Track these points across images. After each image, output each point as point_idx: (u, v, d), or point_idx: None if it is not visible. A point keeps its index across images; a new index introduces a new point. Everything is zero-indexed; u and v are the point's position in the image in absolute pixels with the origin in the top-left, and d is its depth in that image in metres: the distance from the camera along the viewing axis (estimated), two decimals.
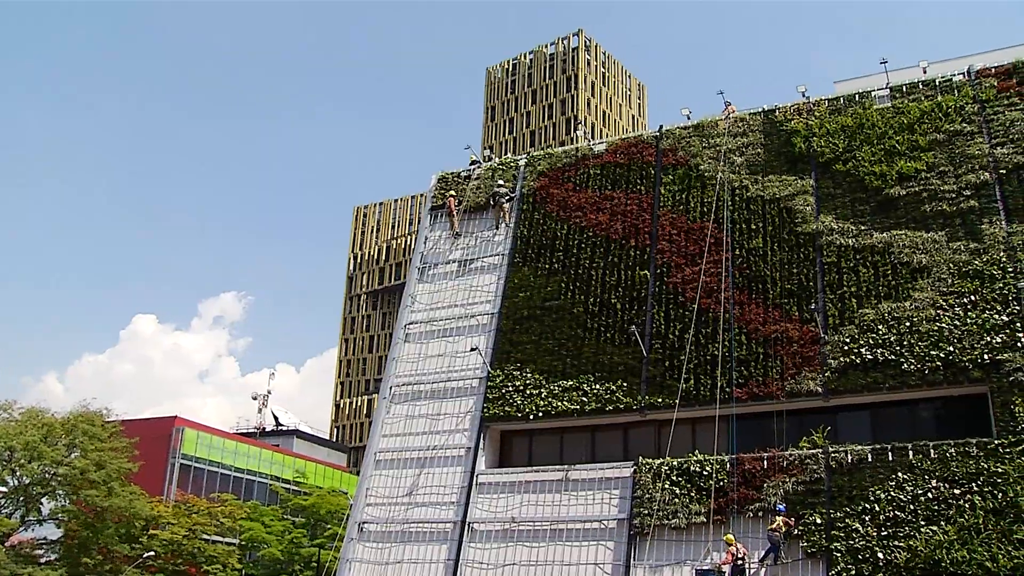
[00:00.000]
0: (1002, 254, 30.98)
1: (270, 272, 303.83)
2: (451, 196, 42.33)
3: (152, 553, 66.22)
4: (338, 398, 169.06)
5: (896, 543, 27.54)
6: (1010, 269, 30.57)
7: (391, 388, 38.99)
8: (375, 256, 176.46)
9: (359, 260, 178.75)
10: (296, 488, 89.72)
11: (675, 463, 31.95)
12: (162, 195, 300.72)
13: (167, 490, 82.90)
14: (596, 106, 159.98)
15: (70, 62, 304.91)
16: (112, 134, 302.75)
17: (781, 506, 29.25)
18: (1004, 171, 32.70)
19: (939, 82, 36.02)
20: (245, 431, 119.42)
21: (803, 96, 38.17)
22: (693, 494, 31.15)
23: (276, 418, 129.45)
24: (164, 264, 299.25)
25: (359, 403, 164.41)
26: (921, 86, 36.23)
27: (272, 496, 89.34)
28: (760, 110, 38.71)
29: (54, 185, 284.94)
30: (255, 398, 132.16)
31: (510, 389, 36.10)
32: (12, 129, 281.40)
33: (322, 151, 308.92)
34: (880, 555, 27.54)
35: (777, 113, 38.12)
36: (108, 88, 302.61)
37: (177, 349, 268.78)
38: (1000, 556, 26.19)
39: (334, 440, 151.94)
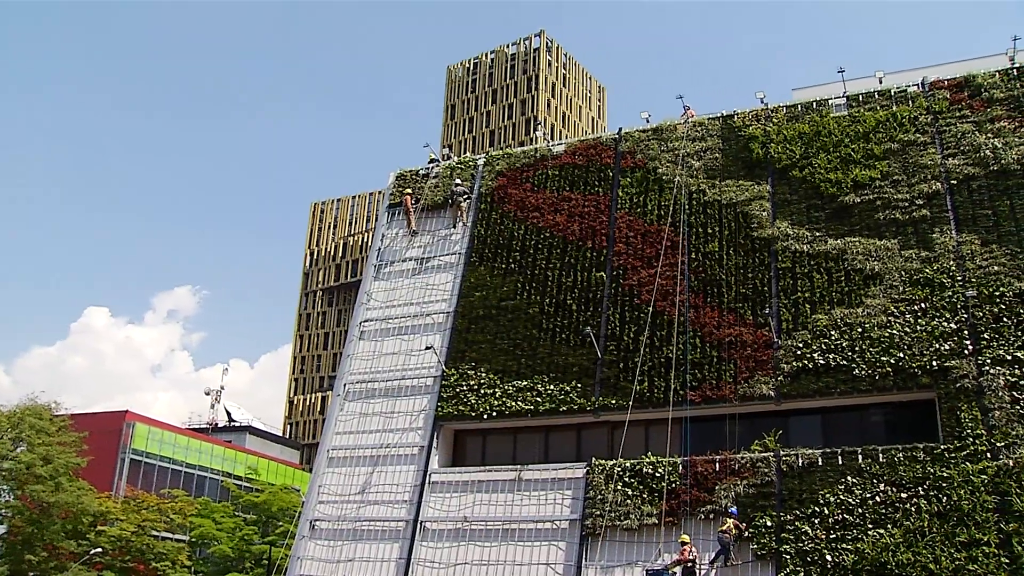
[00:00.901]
0: (952, 263, 31.47)
1: (226, 267, 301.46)
2: (408, 194, 42.19)
3: (99, 550, 65.31)
4: (292, 395, 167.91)
5: (844, 545, 27.88)
6: (959, 278, 31.05)
7: (345, 385, 38.78)
8: (331, 252, 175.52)
9: (315, 256, 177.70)
10: (248, 485, 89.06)
11: (628, 464, 32.07)
12: (118, 188, 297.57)
13: (116, 486, 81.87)
14: (556, 107, 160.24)
15: (21, 53, 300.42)
16: (68, 126, 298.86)
17: (733, 509, 29.46)
18: (955, 182, 33.21)
19: (894, 92, 36.53)
20: (197, 427, 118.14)
21: (761, 102, 38.55)
22: (645, 495, 31.29)
23: (229, 414, 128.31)
24: (118, 257, 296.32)
25: (313, 400, 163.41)
26: (877, 96, 36.71)
27: (224, 493, 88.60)
28: (719, 115, 39.00)
29: (3, 175, 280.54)
30: (208, 393, 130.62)
31: (464, 388, 36.05)
32: None
33: (280, 146, 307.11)
34: (828, 557, 27.85)
35: (736, 119, 38.42)
36: (65, 80, 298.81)
37: (129, 343, 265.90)
38: (943, 558, 26.63)
39: (287, 437, 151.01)
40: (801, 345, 31.88)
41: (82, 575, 63.57)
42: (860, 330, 31.32)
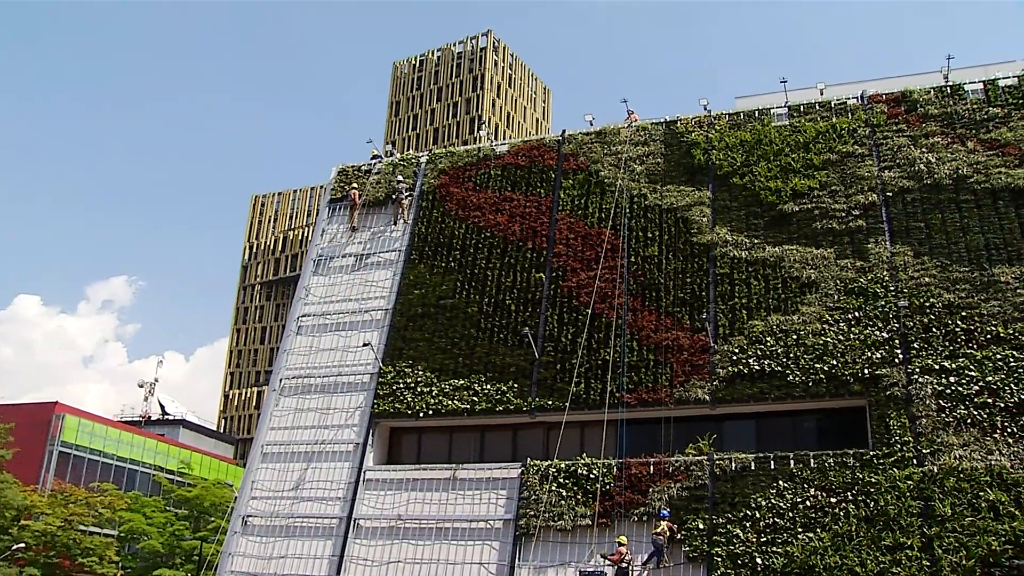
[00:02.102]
0: (885, 273, 32.05)
1: (163, 258, 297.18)
2: (354, 189, 41.89)
3: (22, 545, 63.75)
4: (227, 389, 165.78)
5: (774, 548, 28.25)
6: (892, 288, 31.63)
7: (281, 380, 38.40)
8: (271, 246, 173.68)
9: (255, 249, 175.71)
10: (180, 479, 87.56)
11: (563, 465, 32.13)
12: (56, 175, 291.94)
13: (43, 479, 79.89)
14: (501, 107, 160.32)
15: None
16: (7, 114, 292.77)
17: (665, 512, 29.64)
18: (890, 194, 33.84)
19: (835, 104, 37.13)
20: (130, 419, 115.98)
21: (705, 109, 38.94)
22: (579, 497, 31.37)
23: (163, 407, 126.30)
24: (53, 245, 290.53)
25: (249, 394, 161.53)
26: (818, 107, 37.29)
27: (155, 487, 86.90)
28: (662, 120, 39.32)
29: None
30: (142, 386, 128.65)
31: (401, 386, 35.87)
32: None
33: (222, 138, 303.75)
34: (759, 560, 28.20)
35: (679, 124, 38.76)
36: (9, 71, 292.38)
37: (61, 333, 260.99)
38: (869, 561, 27.15)
39: (222, 431, 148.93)
40: (737, 351, 32.22)
41: (3, 571, 62.03)
42: (795, 337, 31.75)
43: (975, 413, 28.63)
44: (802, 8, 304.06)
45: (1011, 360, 29.20)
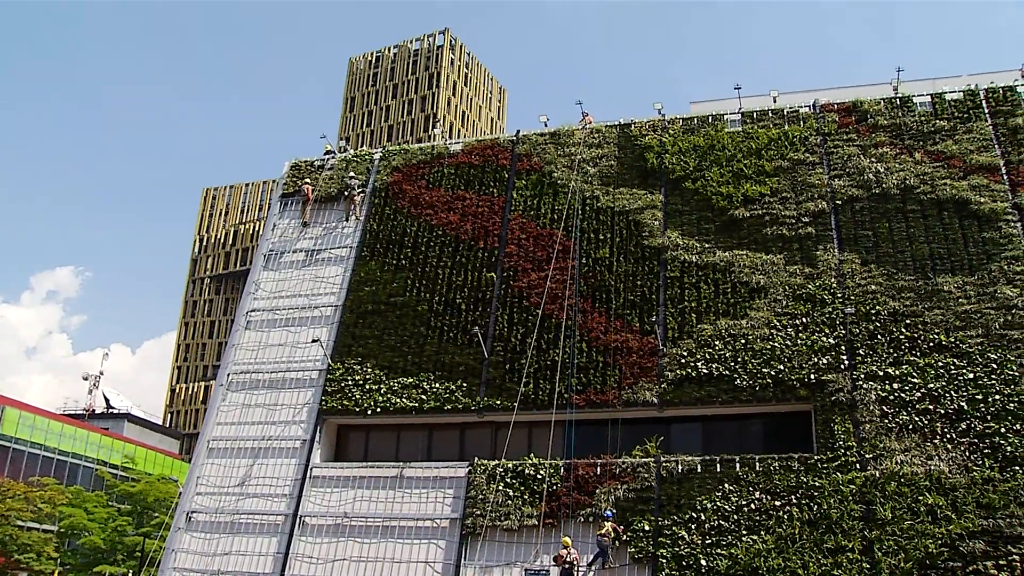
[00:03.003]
0: (833, 280, 32.44)
1: (111, 249, 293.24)
2: (307, 184, 41.58)
3: None
4: (174, 383, 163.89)
5: (719, 551, 28.47)
6: (839, 295, 32.04)
7: (229, 375, 37.99)
8: (222, 240, 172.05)
9: (205, 243, 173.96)
10: (124, 474, 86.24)
11: (510, 465, 32.12)
12: (2, 161, 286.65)
13: None
14: (456, 106, 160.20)
15: None
16: None
17: (608, 512, 29.72)
18: (840, 202, 34.27)
19: (787, 112, 37.52)
20: (73, 412, 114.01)
21: (659, 113, 39.19)
22: (526, 497, 31.38)
23: (107, 400, 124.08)
24: None
25: (196, 389, 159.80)
26: (770, 114, 37.67)
27: (98, 481, 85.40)
28: (616, 123, 39.51)
29: None
30: (86, 378, 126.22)
31: (349, 383, 35.66)
32: None
33: (175, 130, 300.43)
34: (703, 562, 28.40)
35: (633, 127, 38.95)
36: None
37: (3, 323, 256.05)
38: (811, 564, 27.50)
39: (168, 426, 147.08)
40: (685, 354, 32.43)
41: None
42: (743, 341, 32.02)
43: (917, 419, 29.10)
44: (759, 16, 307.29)
45: (952, 368, 29.71)
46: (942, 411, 29.08)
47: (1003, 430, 28.31)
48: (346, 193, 40.74)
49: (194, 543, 34.64)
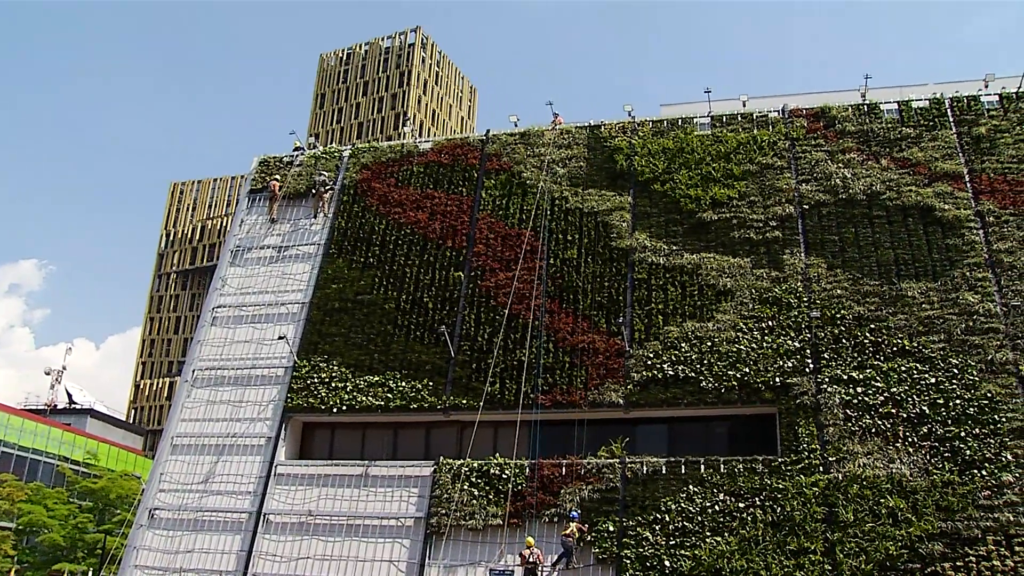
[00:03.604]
0: (799, 284, 32.68)
1: (76, 242, 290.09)
2: (276, 180, 41.34)
3: None
4: (139, 378, 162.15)
5: (683, 552, 28.60)
6: (805, 299, 32.28)
7: (194, 371, 37.68)
8: (188, 235, 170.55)
9: (172, 237, 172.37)
10: (86, 471, 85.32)
11: (475, 465, 32.08)
12: None
13: None
14: (427, 104, 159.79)
15: None
16: None
17: (574, 513, 29.75)
18: (807, 206, 34.53)
19: (756, 116, 37.77)
20: (34, 408, 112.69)
21: (629, 115, 39.31)
22: (491, 496, 31.35)
23: (70, 396, 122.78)
24: None
25: (160, 385, 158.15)
26: (740, 118, 37.91)
27: (59, 478, 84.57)
28: (586, 124, 39.57)
29: None
30: (48, 373, 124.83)
31: (315, 381, 35.48)
32: None
33: (142, 122, 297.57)
34: (667, 563, 28.52)
35: (603, 129, 39.04)
36: None
37: None
38: (774, 565, 27.70)
39: (131, 422, 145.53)
40: (652, 355, 32.54)
41: None
42: (709, 344, 32.18)
43: (879, 423, 29.39)
44: (730, 20, 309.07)
45: (915, 372, 30.04)
46: (904, 415, 29.39)
47: (963, 434, 28.66)
48: (314, 190, 40.53)
49: (156, 540, 34.30)
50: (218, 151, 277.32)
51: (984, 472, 27.94)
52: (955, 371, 29.88)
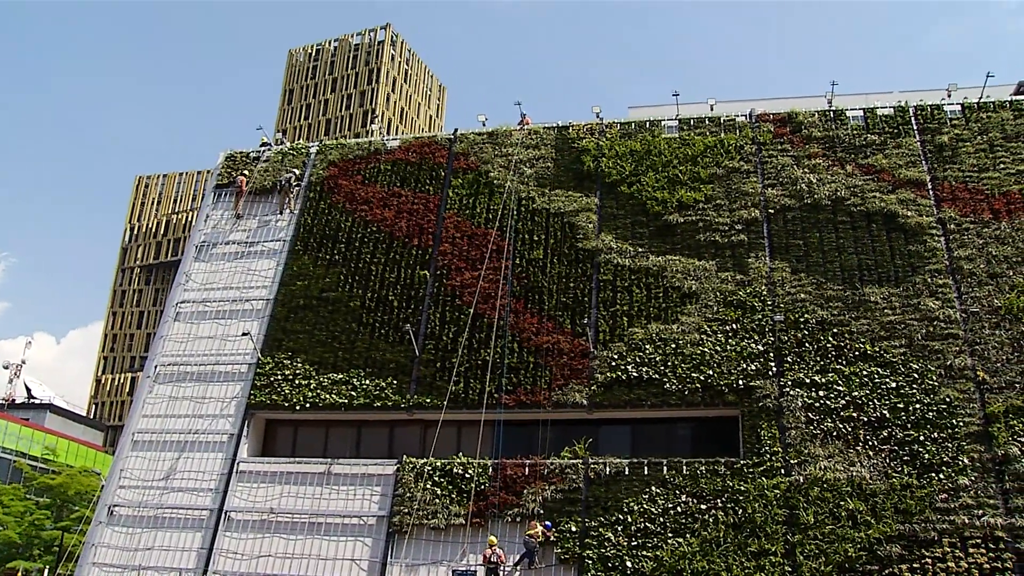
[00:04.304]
0: (763, 288, 32.92)
1: (37, 235, 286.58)
2: (243, 176, 41.06)
3: None
4: (100, 374, 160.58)
5: (644, 553, 28.72)
6: (769, 302, 32.52)
7: (156, 367, 37.33)
8: (153, 229, 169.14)
9: (136, 231, 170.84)
10: (44, 466, 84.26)
11: (438, 464, 32.03)
12: None
13: None
14: (395, 102, 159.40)
15: None
16: None
17: (548, 523, 29.75)
18: (772, 211, 34.78)
19: (723, 120, 37.96)
20: None
21: (597, 117, 39.41)
22: (454, 496, 31.31)
23: (29, 390, 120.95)
24: None
25: (122, 380, 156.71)
26: (707, 121, 38.08)
27: (16, 474, 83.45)
28: (554, 125, 39.62)
29: None
30: (7, 367, 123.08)
31: (279, 378, 35.28)
32: None
33: (107, 115, 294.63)
34: (629, 564, 28.62)
35: (571, 130, 39.09)
36: None
37: None
38: (735, 567, 27.91)
39: (92, 417, 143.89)
40: (616, 357, 32.64)
41: None
42: (674, 346, 32.33)
43: (840, 426, 29.67)
44: (700, 24, 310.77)
45: (876, 377, 30.35)
46: (865, 419, 29.70)
47: (922, 438, 29.02)
48: (280, 186, 40.30)
49: (115, 538, 33.94)
50: (184, 145, 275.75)
51: (942, 475, 28.34)
52: (915, 376, 30.24)
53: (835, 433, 29.64)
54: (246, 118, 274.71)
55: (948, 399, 29.64)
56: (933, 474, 28.37)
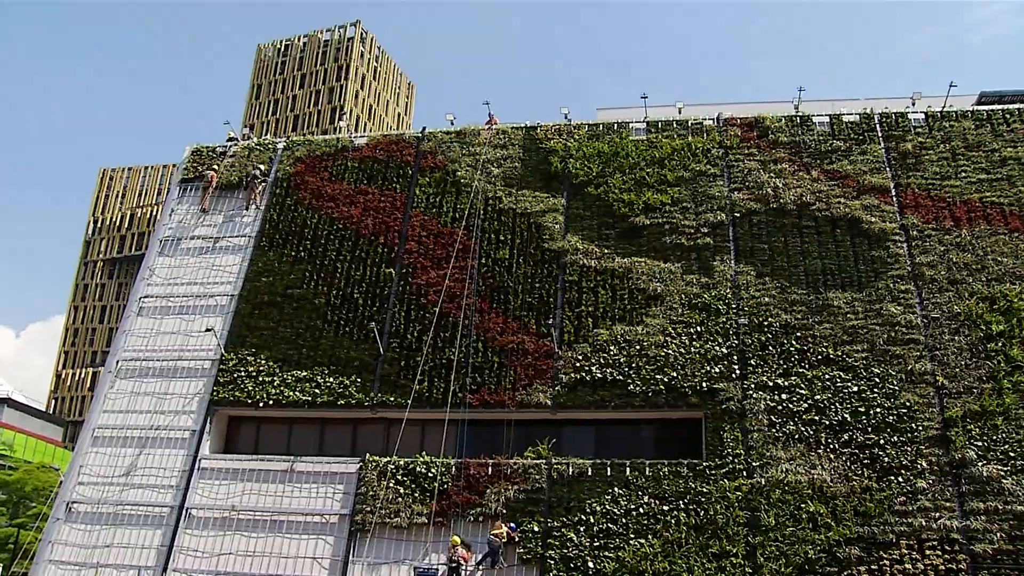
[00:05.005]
0: (728, 291, 33.12)
1: None
2: (213, 171, 40.72)
3: None
4: (60, 368, 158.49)
5: (607, 553, 28.81)
6: (734, 305, 32.73)
7: (118, 362, 36.90)
8: (117, 222, 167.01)
9: (99, 225, 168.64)
10: (1, 462, 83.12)
11: (402, 462, 31.93)
12: None
13: None
14: (364, 99, 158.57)
15: None
16: None
17: (513, 525, 29.77)
18: (738, 215, 35.00)
19: (691, 124, 38.18)
20: None
21: (565, 118, 39.47)
22: (417, 495, 31.23)
23: None
24: None
25: (83, 375, 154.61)
26: (675, 124, 38.30)
27: None
28: (522, 126, 39.64)
29: None
30: None
31: (242, 374, 35.03)
32: None
33: (73, 106, 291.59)
34: (591, 564, 28.69)
35: (539, 131, 39.14)
36: None
37: None
38: (696, 568, 28.07)
39: (52, 412, 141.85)
40: (580, 357, 32.70)
41: None
42: (638, 347, 32.44)
43: (803, 429, 29.93)
44: (671, 26, 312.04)
45: (838, 380, 30.64)
46: (827, 422, 29.97)
47: (882, 441, 29.34)
48: (247, 181, 40.03)
49: (74, 535, 33.52)
50: (150, 138, 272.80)
51: (900, 479, 28.67)
52: (876, 380, 30.56)
53: (797, 436, 29.88)
54: (213, 113, 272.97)
55: (908, 403, 29.98)
56: (892, 477, 28.70)
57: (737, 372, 31.49)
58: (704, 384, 31.38)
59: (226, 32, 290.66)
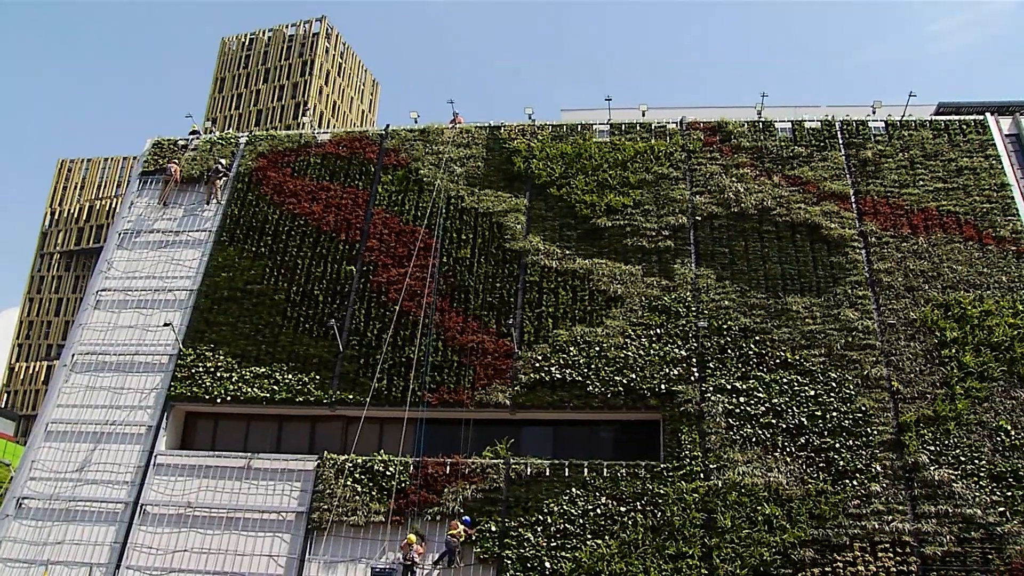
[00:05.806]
0: (688, 294, 33.31)
1: None
2: (175, 164, 40.31)
3: None
4: (14, 361, 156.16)
5: (564, 554, 28.83)
6: (693, 308, 32.93)
7: (73, 356, 36.42)
8: (75, 214, 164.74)
9: (57, 216, 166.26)
10: None
11: (360, 461, 31.80)
12: None
13: None
14: (328, 95, 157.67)
15: None
16: None
17: (467, 519, 29.74)
18: (699, 218, 35.22)
19: (655, 127, 38.37)
20: None
21: (529, 118, 39.54)
22: (374, 493, 31.11)
23: None
24: None
25: (37, 368, 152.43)
26: (638, 127, 38.47)
27: None
28: (486, 125, 39.63)
29: None
30: None
31: (200, 370, 34.72)
32: None
33: (32, 95, 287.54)
34: (548, 564, 28.72)
35: (502, 131, 39.17)
36: None
37: None
38: (652, 569, 28.17)
39: (4, 406, 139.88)
40: (540, 358, 32.75)
41: None
42: (598, 349, 32.54)
43: (760, 432, 30.17)
44: (636, 28, 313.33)
45: (796, 384, 30.92)
46: (784, 425, 30.23)
47: (837, 445, 29.64)
48: (208, 176, 39.69)
49: (24, 531, 32.97)
50: (110, 130, 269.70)
51: (855, 482, 28.99)
52: (833, 384, 30.88)
53: (754, 439, 30.12)
54: (175, 105, 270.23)
55: (863, 408, 30.32)
56: (847, 480, 29.01)
57: (696, 375, 31.68)
58: (663, 386, 31.54)
59: (190, 25, 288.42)
